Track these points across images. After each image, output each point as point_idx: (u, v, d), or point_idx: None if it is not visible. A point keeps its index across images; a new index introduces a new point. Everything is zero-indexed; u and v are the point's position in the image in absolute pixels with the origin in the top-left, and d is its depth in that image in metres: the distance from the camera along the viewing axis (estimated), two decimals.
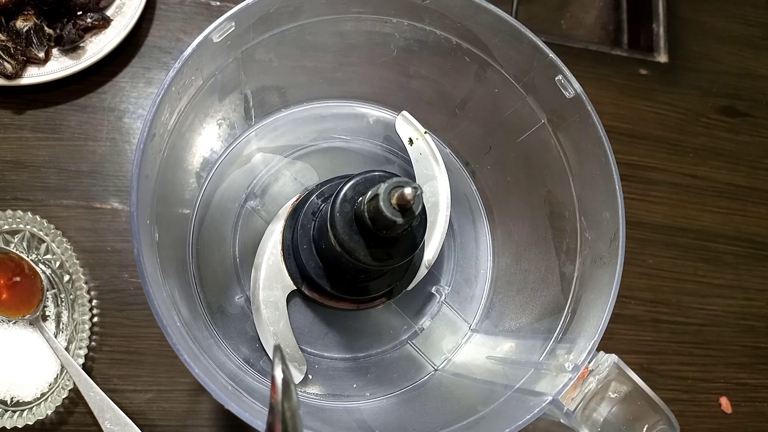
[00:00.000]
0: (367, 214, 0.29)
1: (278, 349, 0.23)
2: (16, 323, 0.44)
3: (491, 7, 0.36)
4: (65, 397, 0.42)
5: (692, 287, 0.58)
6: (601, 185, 0.35)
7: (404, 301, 0.41)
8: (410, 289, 0.40)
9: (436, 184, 0.41)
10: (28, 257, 0.45)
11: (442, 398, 0.39)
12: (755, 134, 0.65)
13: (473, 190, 0.46)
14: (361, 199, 0.30)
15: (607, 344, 0.31)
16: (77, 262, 0.46)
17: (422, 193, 0.28)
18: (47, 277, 0.46)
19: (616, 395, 0.30)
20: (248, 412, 0.28)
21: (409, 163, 0.42)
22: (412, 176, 0.41)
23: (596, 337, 0.31)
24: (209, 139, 0.40)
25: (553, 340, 0.35)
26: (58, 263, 0.46)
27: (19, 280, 0.44)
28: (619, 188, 0.34)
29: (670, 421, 0.29)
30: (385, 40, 0.40)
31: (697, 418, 0.55)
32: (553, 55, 0.35)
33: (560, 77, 0.35)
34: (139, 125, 0.51)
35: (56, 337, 0.45)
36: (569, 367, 0.31)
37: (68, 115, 0.50)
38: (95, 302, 0.46)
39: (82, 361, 0.43)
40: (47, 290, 0.45)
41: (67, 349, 0.44)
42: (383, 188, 0.28)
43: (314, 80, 0.44)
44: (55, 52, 0.49)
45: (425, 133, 0.42)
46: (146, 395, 0.45)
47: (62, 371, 0.43)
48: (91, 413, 0.43)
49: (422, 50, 0.40)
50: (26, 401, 0.43)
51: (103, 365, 0.45)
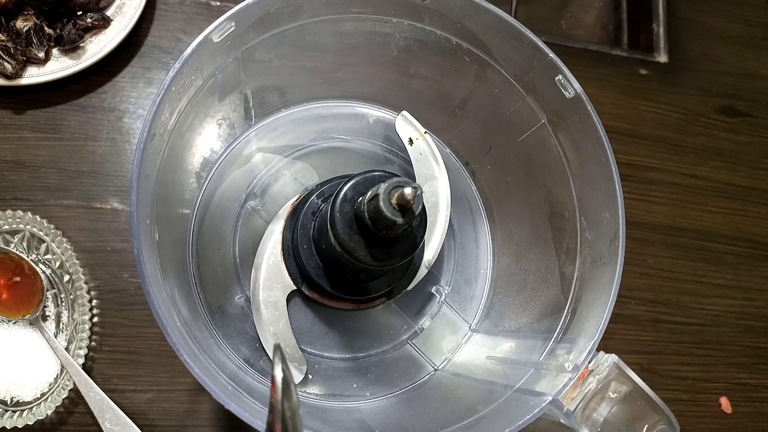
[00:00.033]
0: (367, 214, 0.29)
1: (278, 348, 0.23)
2: (16, 323, 0.44)
3: (491, 7, 0.36)
4: (65, 397, 0.42)
5: (692, 287, 0.58)
6: (601, 185, 0.35)
7: (404, 301, 0.41)
8: (410, 289, 0.40)
9: (436, 184, 0.41)
10: (28, 257, 0.45)
11: (442, 398, 0.39)
12: (755, 134, 0.65)
13: (473, 190, 0.46)
14: (361, 199, 0.30)
15: (607, 344, 0.31)
16: (77, 262, 0.46)
17: (422, 193, 0.28)
18: (47, 277, 0.46)
19: (616, 395, 0.30)
20: (248, 412, 0.28)
21: (409, 163, 0.42)
22: (412, 176, 0.41)
23: (596, 337, 0.31)
24: (209, 139, 0.40)
25: (553, 340, 0.35)
26: (58, 263, 0.46)
27: (19, 280, 0.44)
28: (619, 188, 0.34)
29: (670, 421, 0.29)
30: (385, 40, 0.40)
31: (697, 418, 0.55)
32: (553, 55, 0.35)
33: (560, 77, 0.35)
34: (139, 125, 0.51)
35: (56, 337, 0.45)
36: (569, 367, 0.31)
37: (68, 115, 0.50)
38: (95, 302, 0.46)
39: (82, 361, 0.43)
40: (47, 290, 0.45)
41: (67, 349, 0.44)
42: (383, 188, 0.28)
43: (314, 80, 0.44)
44: (55, 52, 0.49)
45: (425, 133, 0.42)
46: (146, 395, 0.45)
47: (62, 371, 0.43)
48: (91, 413, 0.43)
49: (422, 50, 0.40)
50: (26, 401, 0.43)
51: (103, 365, 0.45)
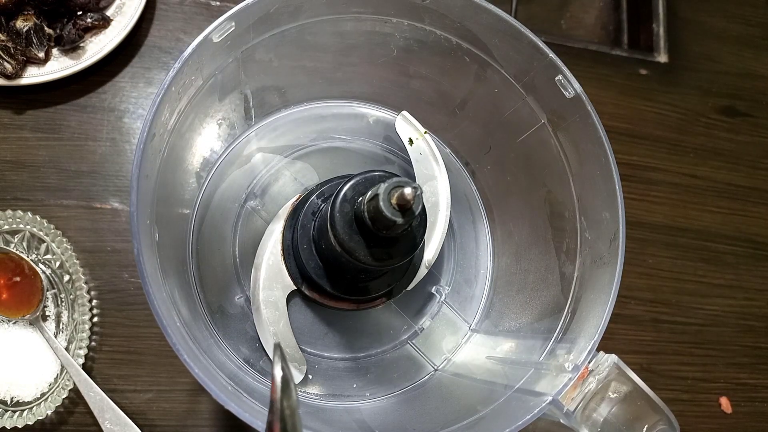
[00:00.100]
0: (367, 214, 0.29)
1: (278, 347, 0.23)
2: (16, 323, 0.44)
3: (491, 7, 0.36)
4: (65, 397, 0.42)
5: (692, 287, 0.58)
6: (601, 185, 0.35)
7: (404, 301, 0.41)
8: (410, 289, 0.40)
9: (436, 184, 0.41)
10: (28, 257, 0.45)
11: (442, 398, 0.39)
12: (755, 134, 0.65)
13: (473, 190, 0.46)
14: (361, 199, 0.30)
15: (607, 344, 0.31)
16: (77, 262, 0.46)
17: (422, 193, 0.28)
18: (47, 277, 0.46)
19: (616, 395, 0.30)
20: (248, 412, 0.28)
21: (409, 163, 0.42)
22: (412, 176, 0.41)
23: (596, 337, 0.31)
24: (209, 139, 0.40)
25: (553, 340, 0.35)
26: (58, 263, 0.46)
27: (19, 280, 0.44)
28: (619, 188, 0.34)
29: (670, 421, 0.29)
30: (385, 40, 0.40)
31: (697, 418, 0.55)
32: (553, 55, 0.35)
33: (560, 77, 0.35)
34: (139, 125, 0.51)
35: (56, 337, 0.45)
36: (569, 367, 0.31)
37: (68, 115, 0.50)
38: (95, 302, 0.46)
39: (82, 361, 0.43)
40: (47, 290, 0.45)
41: (67, 349, 0.44)
42: (383, 188, 0.28)
43: (314, 80, 0.44)
44: (55, 52, 0.49)
45: (425, 133, 0.42)
46: (146, 395, 0.45)
47: (62, 371, 0.43)
48: (91, 413, 0.43)
49: (422, 50, 0.40)
50: (26, 401, 0.43)
51: (103, 365, 0.45)
